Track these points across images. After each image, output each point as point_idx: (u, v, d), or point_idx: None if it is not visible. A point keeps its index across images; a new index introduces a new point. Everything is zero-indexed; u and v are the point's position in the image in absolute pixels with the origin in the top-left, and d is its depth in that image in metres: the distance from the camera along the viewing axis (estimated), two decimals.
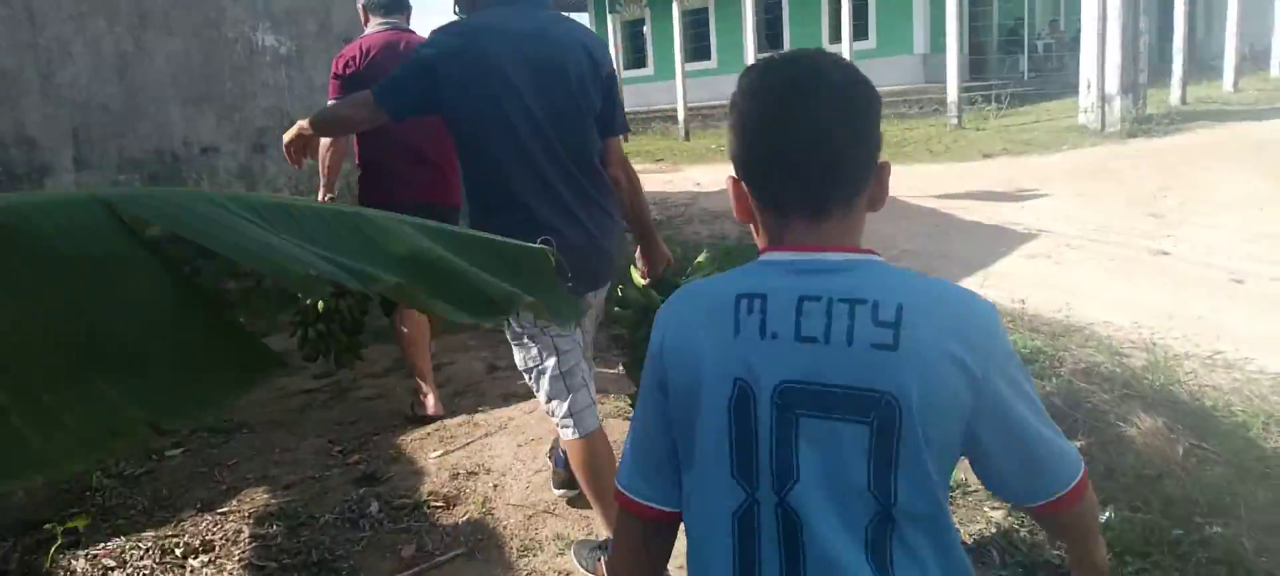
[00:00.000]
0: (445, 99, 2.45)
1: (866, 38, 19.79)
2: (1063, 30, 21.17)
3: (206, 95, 6.70)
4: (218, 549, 3.01)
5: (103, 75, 6.22)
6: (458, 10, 2.68)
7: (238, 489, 3.47)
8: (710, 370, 1.11)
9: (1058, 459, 1.12)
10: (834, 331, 1.06)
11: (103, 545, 3.04)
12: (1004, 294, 5.22)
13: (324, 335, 4.01)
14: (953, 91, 13.57)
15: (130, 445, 0.76)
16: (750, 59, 16.42)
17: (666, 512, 1.22)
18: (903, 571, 1.06)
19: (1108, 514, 2.75)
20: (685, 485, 1.19)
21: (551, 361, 2.51)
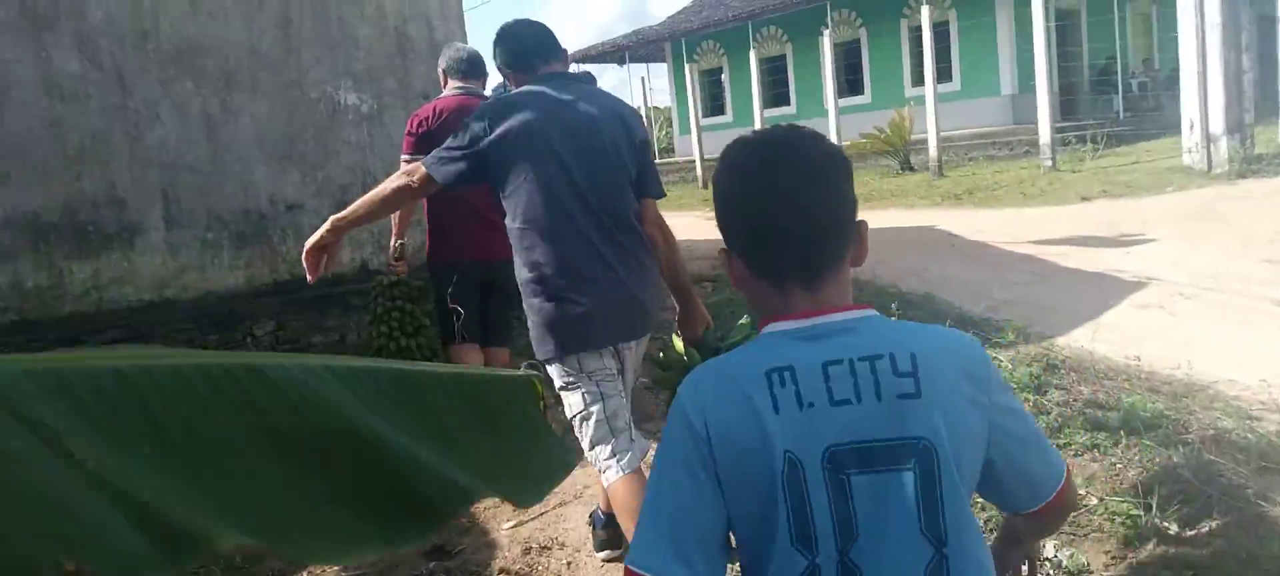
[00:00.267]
0: (492, 167, 2.63)
1: (950, 80, 19.37)
2: (1157, 68, 20.38)
3: (290, 154, 6.79)
4: None
5: (190, 136, 6.35)
6: (503, 71, 2.88)
7: None
8: (760, 447, 1.13)
9: (1049, 464, 1.25)
10: (862, 390, 1.13)
11: None
12: (1115, 348, 4.86)
13: None
14: (1045, 132, 13.09)
15: None
16: (830, 105, 16.20)
17: None
18: None
19: None
20: (744, 563, 1.22)
21: (597, 408, 2.63)
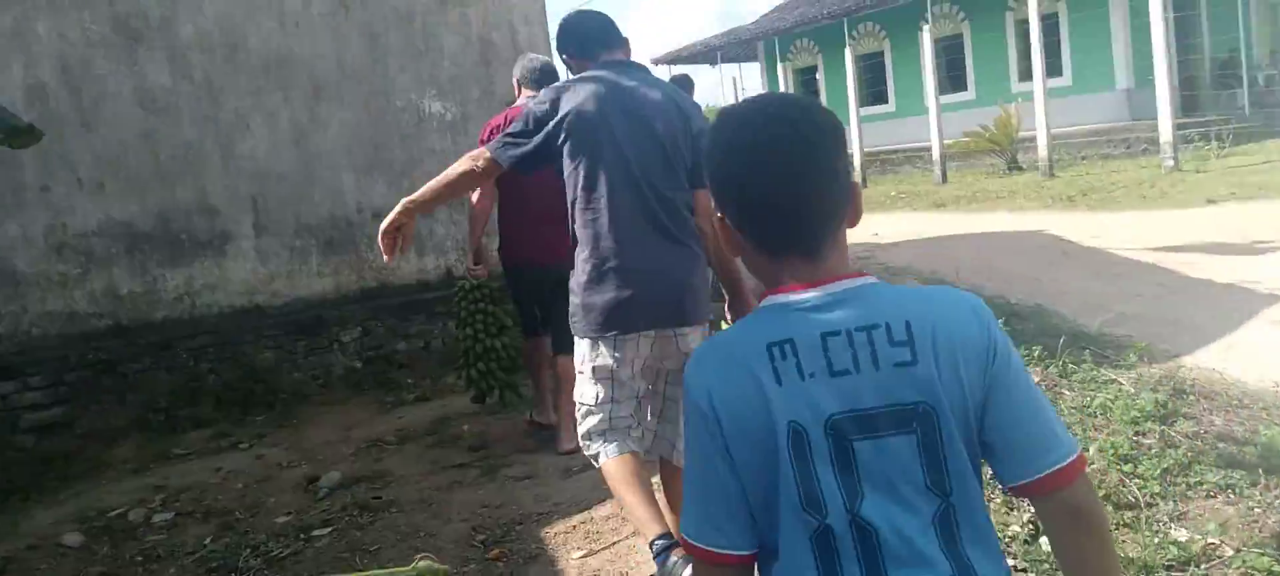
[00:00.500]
0: (553, 150, 2.72)
1: (1060, 74, 18.45)
2: None
3: (377, 162, 6.79)
4: None
5: (279, 146, 6.41)
6: (565, 59, 2.97)
7: None
8: (764, 418, 1.17)
9: (1057, 434, 1.21)
10: (860, 359, 1.16)
11: None
12: (1250, 370, 4.40)
13: (485, 374, 4.61)
14: (1166, 129, 12.30)
15: None
16: (931, 102, 15.61)
17: (746, 557, 1.25)
18: (969, 546, 1.17)
19: None
20: (761, 525, 1.24)
21: (604, 410, 2.72)
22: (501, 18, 7.45)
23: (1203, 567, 2.70)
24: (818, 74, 24.79)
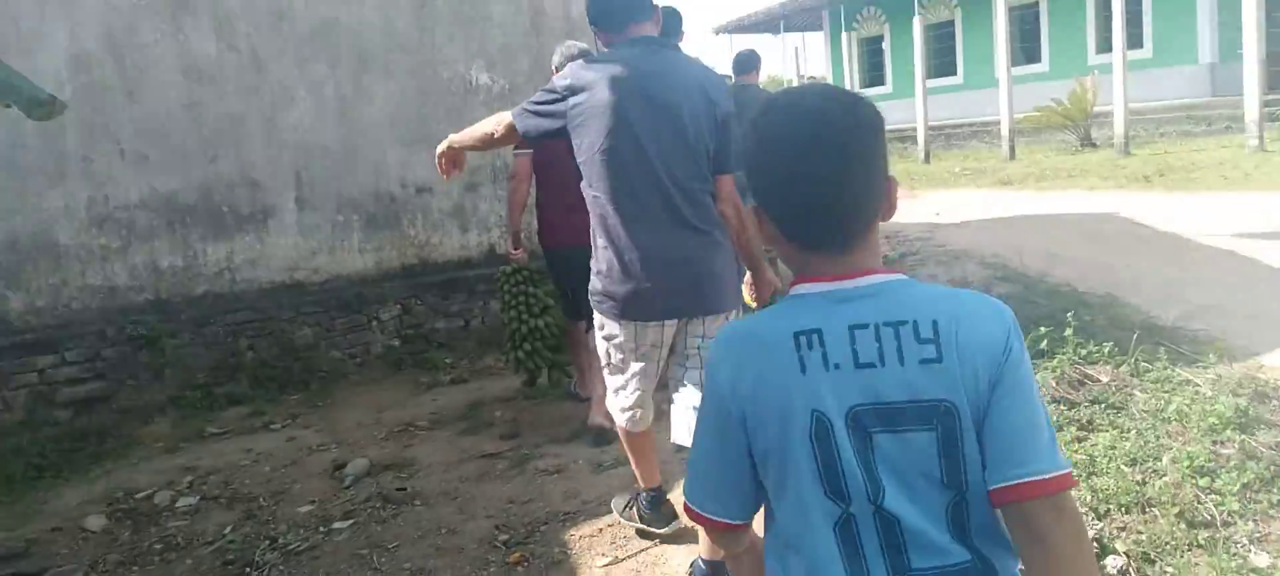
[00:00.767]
0: (570, 129, 2.68)
1: (1140, 45, 17.60)
2: None
3: (422, 136, 6.64)
4: None
5: (324, 118, 6.30)
6: (593, 30, 2.88)
7: None
8: (787, 406, 1.19)
9: (1051, 443, 1.20)
10: (886, 354, 1.17)
11: None
12: None
13: (531, 354, 4.65)
14: (1252, 107, 11.59)
15: None
16: (1003, 73, 15.01)
17: (739, 526, 1.34)
18: (978, 536, 1.20)
19: None
20: (779, 510, 1.26)
21: (627, 366, 2.82)
22: None
23: None
24: (884, 43, 24.09)
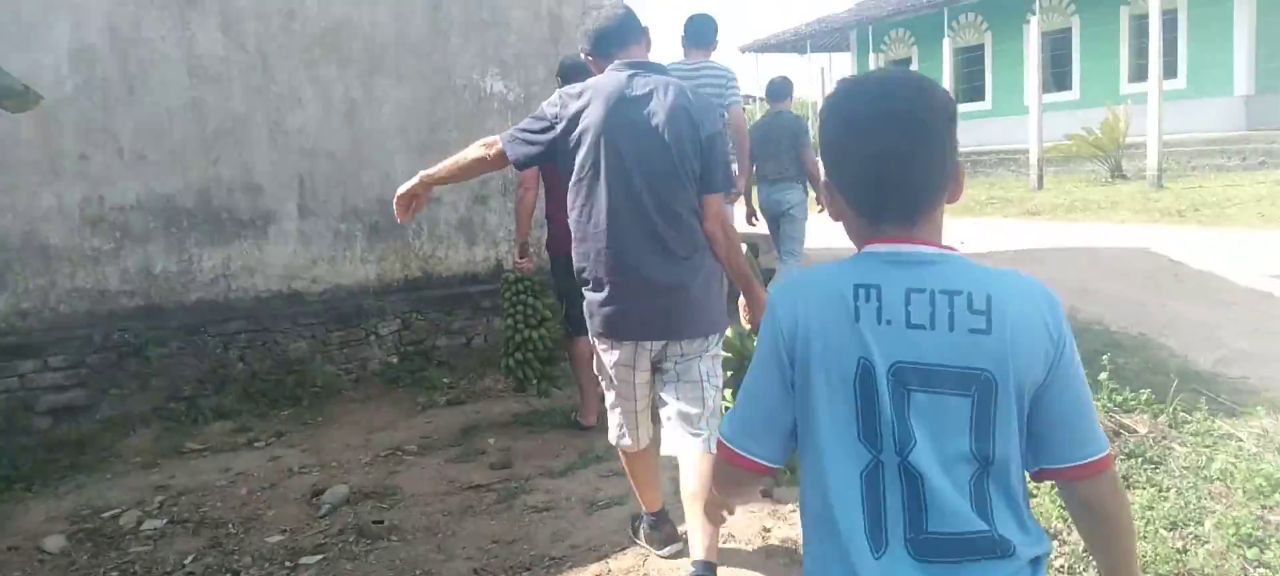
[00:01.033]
0: (557, 154, 2.74)
1: (1175, 76, 17.19)
2: None
3: (431, 144, 6.43)
4: None
5: (331, 122, 6.11)
6: (585, 58, 2.95)
7: None
8: (836, 349, 1.25)
9: (1094, 432, 1.29)
10: (938, 318, 1.23)
11: None
12: None
13: (522, 363, 4.68)
14: None
15: None
16: (1033, 100, 14.69)
17: (766, 467, 1.39)
18: (999, 513, 1.24)
19: None
20: (807, 448, 1.32)
21: (609, 394, 2.93)
22: None
23: None
24: (912, 67, 23.79)
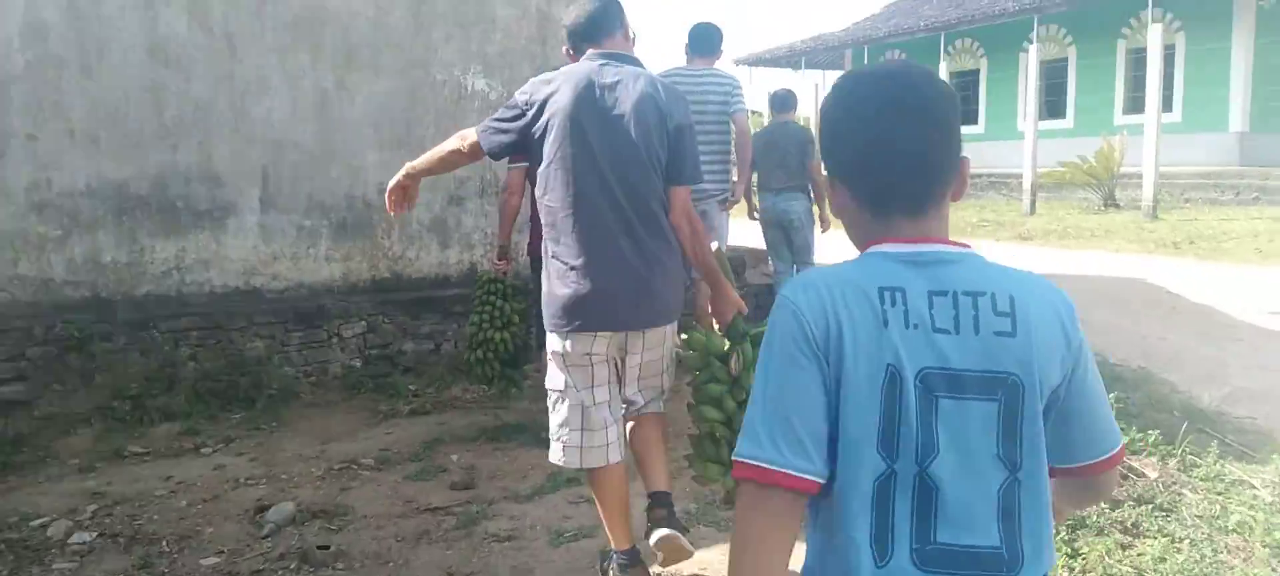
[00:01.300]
0: (529, 143, 2.73)
1: (1170, 109, 17.09)
2: None
3: (406, 140, 6.13)
4: None
5: (300, 113, 5.79)
6: (565, 49, 2.94)
7: None
8: (866, 354, 1.18)
9: (1111, 426, 1.30)
10: (962, 322, 1.19)
11: None
12: None
13: (481, 361, 4.65)
14: None
15: None
16: (1029, 126, 14.52)
17: (820, 484, 1.21)
18: (1028, 524, 1.20)
19: None
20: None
21: (571, 396, 2.79)
22: None
23: None
24: None
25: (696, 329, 2.81)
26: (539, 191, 2.76)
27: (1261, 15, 16.29)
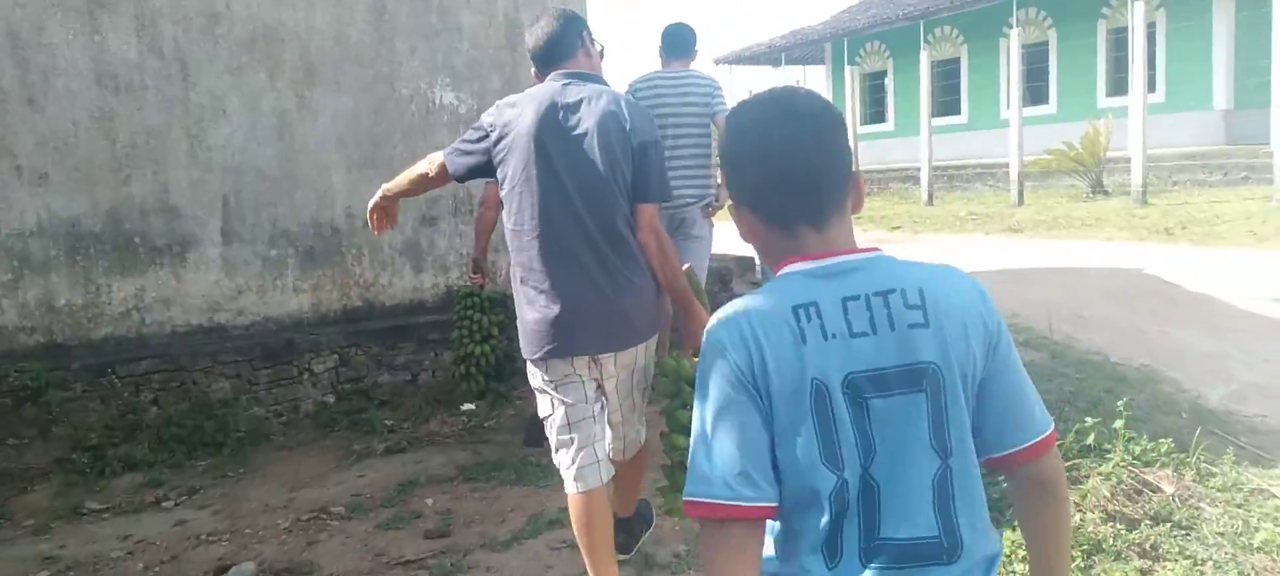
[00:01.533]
0: (495, 163, 2.71)
1: (1153, 89, 16.95)
2: None
3: (374, 160, 5.89)
4: None
5: (259, 136, 5.53)
6: (534, 73, 2.88)
7: None
8: (789, 376, 1.23)
9: (1038, 407, 1.34)
10: (877, 322, 1.24)
11: None
12: None
13: (467, 375, 4.69)
14: None
15: None
16: (1013, 113, 14.36)
17: (770, 508, 1.25)
18: (961, 513, 1.25)
19: None
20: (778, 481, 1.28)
21: (558, 413, 2.77)
22: None
23: None
24: (887, 80, 23.52)
25: (667, 355, 2.71)
26: (505, 215, 2.75)
27: None
